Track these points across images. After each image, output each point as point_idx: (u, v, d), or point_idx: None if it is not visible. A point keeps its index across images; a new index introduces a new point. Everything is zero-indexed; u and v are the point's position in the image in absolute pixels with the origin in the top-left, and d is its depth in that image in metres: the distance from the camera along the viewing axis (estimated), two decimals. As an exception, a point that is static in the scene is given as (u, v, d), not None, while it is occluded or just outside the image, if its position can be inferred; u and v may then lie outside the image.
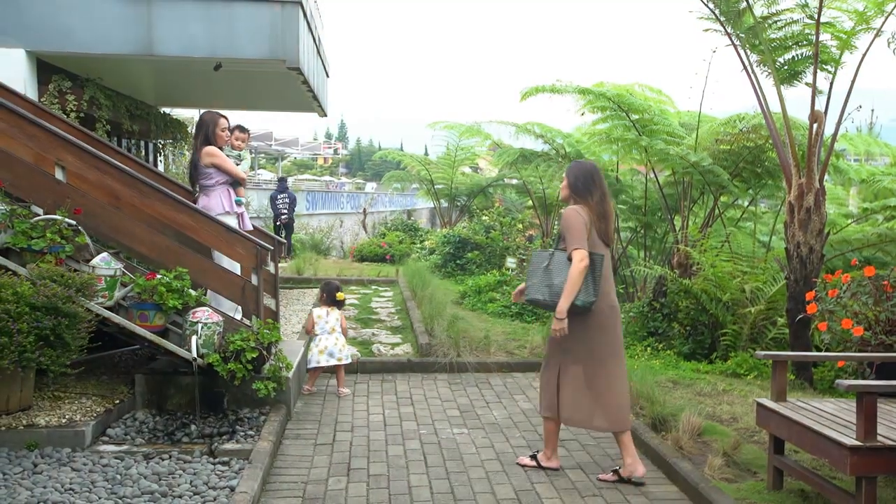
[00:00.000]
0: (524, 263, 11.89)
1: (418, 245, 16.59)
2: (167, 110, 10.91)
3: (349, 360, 6.54)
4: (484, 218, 15.71)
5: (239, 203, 6.31)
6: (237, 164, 6.50)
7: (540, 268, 4.57)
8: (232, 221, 6.13)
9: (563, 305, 4.37)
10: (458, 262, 13.24)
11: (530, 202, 15.61)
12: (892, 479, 4.16)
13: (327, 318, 6.47)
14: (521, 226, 15.30)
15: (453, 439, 5.31)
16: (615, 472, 4.57)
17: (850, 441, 3.41)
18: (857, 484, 3.45)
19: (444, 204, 19.05)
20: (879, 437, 3.44)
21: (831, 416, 3.85)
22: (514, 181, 17.06)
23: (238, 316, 5.65)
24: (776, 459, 4.19)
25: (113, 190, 5.32)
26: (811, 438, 3.71)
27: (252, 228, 6.60)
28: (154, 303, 5.04)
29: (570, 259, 4.40)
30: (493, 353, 7.53)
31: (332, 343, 6.38)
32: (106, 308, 4.92)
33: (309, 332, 6.49)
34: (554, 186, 14.04)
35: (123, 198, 5.33)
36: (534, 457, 4.80)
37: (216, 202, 6.12)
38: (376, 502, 4.18)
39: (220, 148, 6.26)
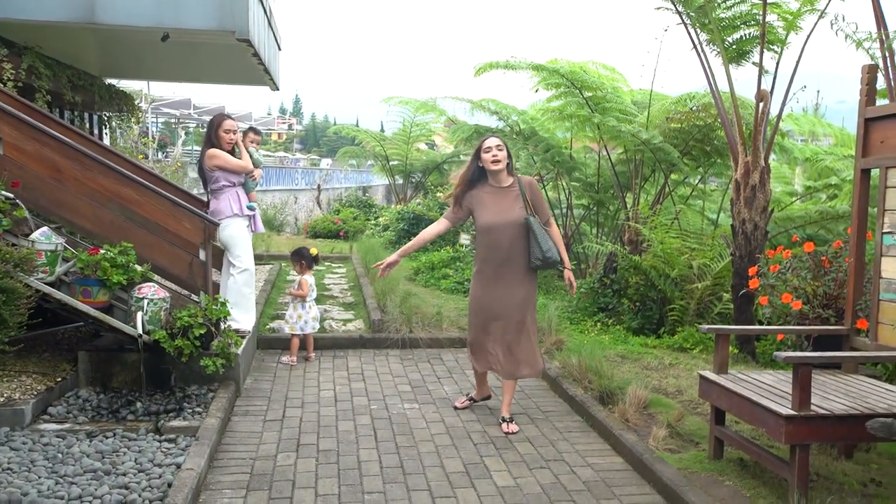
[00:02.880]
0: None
1: (373, 221, 16.51)
2: (113, 82, 10.59)
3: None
4: (438, 194, 15.70)
5: (251, 208, 6.22)
6: (257, 164, 6.46)
7: (545, 232, 5.00)
8: (242, 224, 6.11)
9: (568, 261, 5.21)
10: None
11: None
12: (824, 447, 4.32)
13: (313, 287, 6.79)
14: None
15: (404, 414, 5.33)
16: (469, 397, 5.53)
17: (786, 410, 3.52)
18: (792, 452, 3.57)
19: (399, 180, 18.99)
20: (813, 407, 3.55)
21: (769, 388, 3.97)
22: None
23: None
24: (717, 430, 4.31)
25: (53, 162, 5.15)
26: (749, 409, 3.81)
27: (263, 231, 6.62)
28: (97, 278, 4.93)
29: (546, 224, 5.06)
30: (446, 328, 7.55)
31: (316, 311, 6.80)
32: (47, 283, 4.79)
33: (301, 297, 6.70)
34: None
35: (65, 170, 5.18)
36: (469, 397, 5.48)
37: (225, 205, 6.04)
38: (325, 477, 4.18)
39: (224, 150, 6.16)
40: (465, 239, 12.07)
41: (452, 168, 19.06)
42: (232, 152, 6.17)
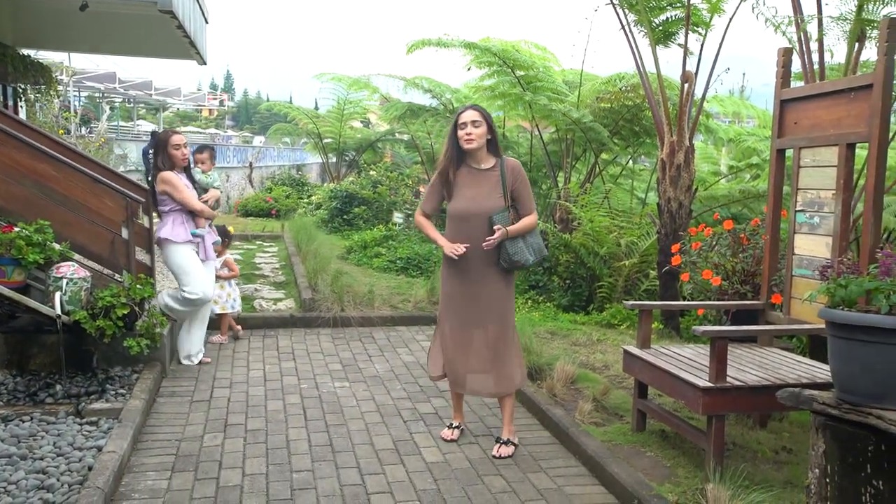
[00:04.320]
0: (410, 219, 11.90)
1: (305, 200, 16.32)
2: (30, 53, 10.13)
3: None
4: (372, 173, 15.59)
5: (195, 235, 5.80)
6: (203, 186, 6.17)
7: (516, 231, 4.19)
8: (188, 250, 5.69)
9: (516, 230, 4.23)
10: (344, 217, 13.11)
11: (419, 158, 15.60)
12: (740, 418, 4.50)
13: None
14: (410, 181, 15.31)
15: (334, 393, 5.31)
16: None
17: (703, 383, 3.64)
18: (709, 422, 3.70)
19: (333, 159, 18.78)
20: (729, 379, 3.69)
21: (688, 361, 4.10)
22: (405, 136, 16.97)
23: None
24: (640, 403, 4.43)
25: (-39, 136, 4.91)
26: (670, 382, 3.93)
27: (215, 257, 6.20)
28: (12, 257, 4.73)
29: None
30: (378, 307, 7.54)
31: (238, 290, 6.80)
32: (-44, 263, 4.58)
33: (234, 277, 6.71)
34: (442, 141, 14.06)
35: (-26, 145, 4.94)
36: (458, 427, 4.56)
37: (167, 230, 5.64)
38: (253, 457, 4.14)
39: (187, 169, 5.87)
40: (398, 217, 12.05)
41: (387, 146, 18.95)
42: (188, 168, 5.91)
